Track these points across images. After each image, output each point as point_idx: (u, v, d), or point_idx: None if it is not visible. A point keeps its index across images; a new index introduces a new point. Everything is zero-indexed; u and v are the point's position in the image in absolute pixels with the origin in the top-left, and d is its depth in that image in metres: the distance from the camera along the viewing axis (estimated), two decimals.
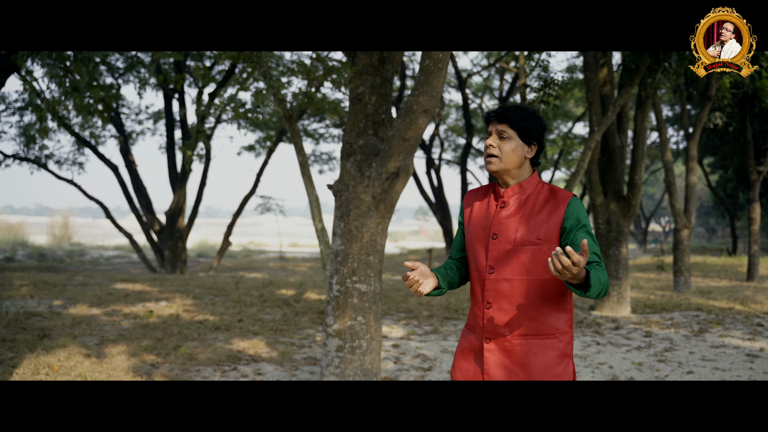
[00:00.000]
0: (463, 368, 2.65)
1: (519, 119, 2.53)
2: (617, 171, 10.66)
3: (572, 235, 2.47)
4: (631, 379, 6.12)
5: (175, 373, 5.88)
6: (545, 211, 2.52)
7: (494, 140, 2.55)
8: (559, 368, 2.50)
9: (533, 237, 2.50)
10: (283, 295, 11.08)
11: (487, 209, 2.64)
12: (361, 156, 5.70)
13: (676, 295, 12.54)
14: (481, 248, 2.60)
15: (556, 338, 2.52)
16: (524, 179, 2.59)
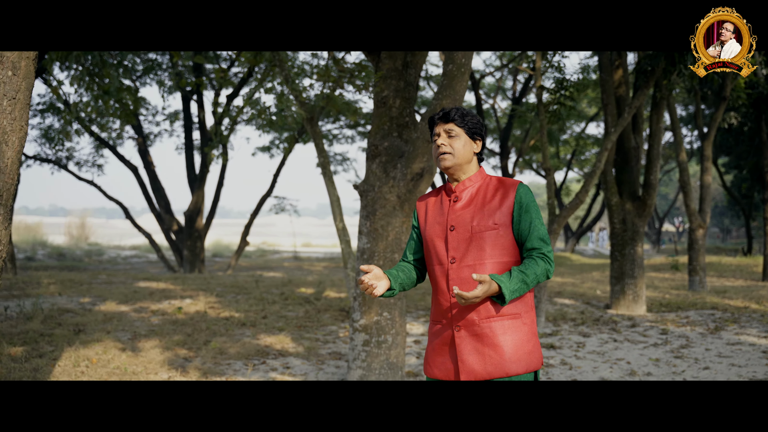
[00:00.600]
0: (438, 362, 2.73)
1: (462, 117, 2.71)
2: (632, 171, 10.81)
3: (521, 221, 2.64)
4: (648, 374, 6.28)
5: (208, 366, 6.10)
6: (497, 198, 2.68)
7: (444, 139, 2.71)
8: (529, 346, 2.62)
9: (489, 222, 2.64)
10: (303, 293, 11.30)
11: (440, 207, 2.78)
12: (386, 157, 5.90)
13: (691, 294, 12.66)
14: (440, 242, 2.73)
15: (521, 318, 2.63)
16: (473, 173, 2.76)
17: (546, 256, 2.63)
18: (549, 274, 2.62)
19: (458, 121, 2.70)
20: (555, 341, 7.76)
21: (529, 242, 2.64)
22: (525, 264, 2.60)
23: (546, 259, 2.63)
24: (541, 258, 2.62)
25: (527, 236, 2.65)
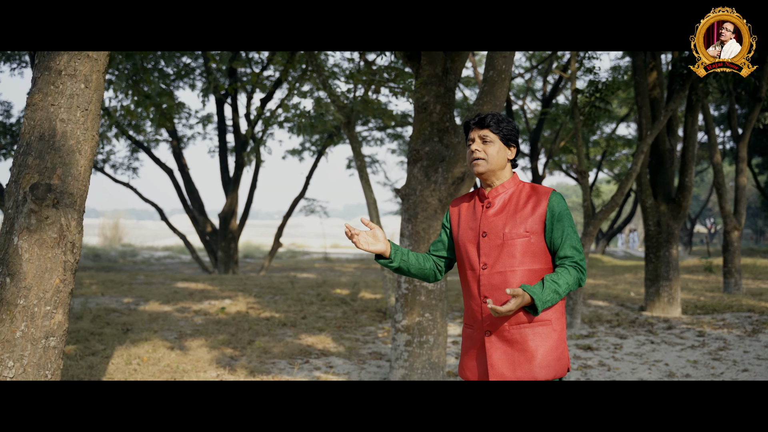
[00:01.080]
0: (470, 366, 2.79)
1: (497, 124, 2.73)
2: (667, 173, 10.81)
3: (553, 229, 2.67)
4: (687, 376, 6.34)
5: (254, 365, 6.28)
6: (529, 205, 2.69)
7: (478, 145, 2.74)
8: (558, 352, 2.66)
9: (521, 230, 2.66)
10: (338, 294, 11.46)
11: (473, 212, 2.81)
12: (427, 162, 6.03)
13: (726, 296, 12.60)
14: (472, 248, 2.75)
15: (551, 324, 2.66)
16: (506, 180, 2.78)
17: (579, 265, 2.66)
18: (581, 283, 2.66)
19: (493, 128, 2.73)
20: (592, 343, 7.82)
21: (562, 251, 2.67)
22: (557, 273, 2.63)
23: (578, 267, 2.66)
24: (573, 267, 2.65)
25: (560, 245, 2.68)
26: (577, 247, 2.67)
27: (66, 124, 3.34)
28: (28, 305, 3.24)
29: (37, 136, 3.31)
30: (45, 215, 3.23)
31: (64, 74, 3.35)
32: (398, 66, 11.04)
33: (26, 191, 3.23)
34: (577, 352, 7.33)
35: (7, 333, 3.22)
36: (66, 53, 3.35)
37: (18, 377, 3.23)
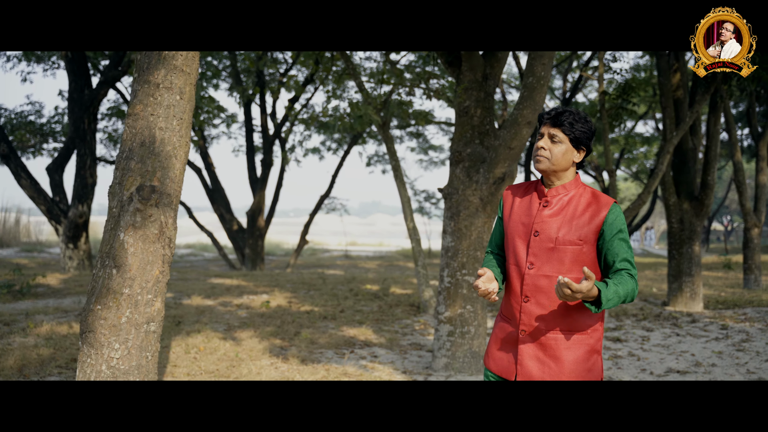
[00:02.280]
0: (497, 358, 2.77)
1: (571, 125, 2.64)
2: (690, 172, 11.11)
3: (609, 241, 2.61)
4: (713, 365, 6.66)
5: (304, 354, 6.67)
6: (587, 213, 2.63)
7: (546, 143, 2.66)
8: (589, 363, 2.64)
9: (574, 237, 2.61)
10: (369, 289, 11.85)
11: (529, 206, 2.74)
12: (469, 163, 6.40)
13: (746, 292, 12.87)
14: (521, 244, 2.70)
15: (587, 334, 2.65)
16: (568, 181, 2.71)
17: (634, 278, 2.60)
18: (635, 295, 2.58)
19: (566, 128, 2.64)
20: (620, 335, 8.16)
21: (619, 263, 2.61)
22: (618, 278, 2.56)
23: (634, 279, 2.59)
24: (630, 277, 2.58)
25: (616, 257, 2.61)
26: (631, 260, 2.62)
27: (164, 132, 3.74)
28: (132, 294, 3.64)
29: (139, 143, 3.71)
30: (149, 213, 3.63)
31: (161, 87, 3.74)
32: (430, 70, 11.38)
33: (132, 192, 3.62)
34: (607, 344, 7.67)
35: (114, 319, 3.61)
36: (163, 68, 3.74)
37: (123, 359, 3.64)
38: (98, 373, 3.62)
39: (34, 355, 6.09)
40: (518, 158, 6.31)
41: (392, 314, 9.22)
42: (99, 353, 3.62)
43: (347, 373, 5.96)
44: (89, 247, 15.43)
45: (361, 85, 9.67)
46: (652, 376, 6.25)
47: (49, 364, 5.88)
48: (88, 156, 15.32)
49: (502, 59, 6.74)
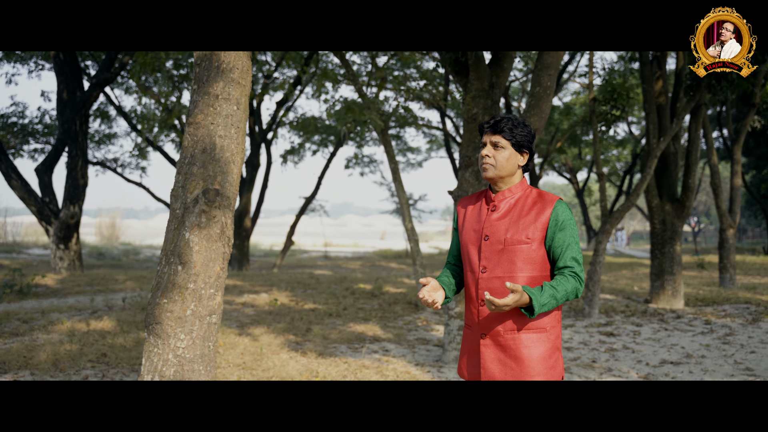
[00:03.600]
0: (467, 365, 2.83)
1: (511, 130, 2.69)
2: (672, 175, 11.62)
3: (555, 238, 2.68)
4: (703, 356, 7.12)
5: (319, 349, 7.00)
6: (533, 212, 2.68)
7: (489, 150, 2.72)
8: (551, 360, 2.68)
9: (522, 237, 2.66)
10: (363, 288, 12.19)
11: (479, 213, 2.80)
12: (477, 167, 6.78)
13: (723, 290, 13.44)
14: (474, 250, 2.75)
15: (546, 332, 2.68)
16: (514, 184, 2.75)
17: (578, 276, 2.65)
18: (578, 293, 2.65)
19: (506, 134, 2.69)
20: (612, 330, 8.62)
21: (562, 260, 2.67)
22: (557, 280, 2.63)
23: (577, 278, 2.65)
24: (572, 276, 2.65)
25: (560, 254, 2.67)
26: (577, 258, 2.68)
27: (223, 140, 4.06)
28: (197, 288, 3.96)
29: (200, 150, 4.02)
30: (212, 215, 3.95)
31: (220, 98, 4.06)
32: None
33: (198, 195, 3.94)
34: (602, 338, 8.11)
35: (180, 311, 3.93)
36: (222, 81, 4.06)
37: (188, 348, 3.95)
38: (165, 361, 3.93)
39: (63, 350, 6.35)
40: None
41: (393, 312, 9.58)
42: (166, 343, 3.93)
43: (366, 366, 6.30)
44: (80, 248, 15.55)
45: (360, 90, 10.01)
46: (648, 367, 6.68)
47: (80, 359, 6.14)
48: (80, 157, 15.45)
49: (507, 69, 7.14)
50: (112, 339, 6.88)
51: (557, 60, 6.55)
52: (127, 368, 6.00)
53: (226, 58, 4.09)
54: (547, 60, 6.54)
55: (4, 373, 5.67)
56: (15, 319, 7.72)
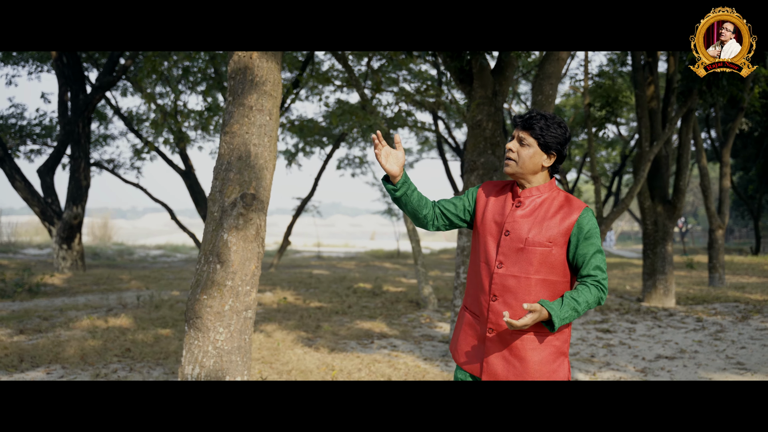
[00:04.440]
0: (465, 351, 2.78)
1: (541, 129, 2.64)
2: (663, 177, 12.01)
3: (579, 245, 2.63)
4: (696, 352, 7.48)
5: (331, 345, 7.32)
6: (558, 216, 2.63)
7: (514, 145, 2.68)
8: (555, 365, 2.65)
9: (544, 239, 2.61)
10: (363, 287, 12.51)
11: (503, 205, 2.74)
12: (482, 171, 7.12)
13: (712, 289, 13.85)
14: (492, 242, 2.69)
15: (554, 336, 2.65)
16: (541, 184, 2.71)
17: (601, 285, 2.62)
18: (601, 302, 2.63)
19: (535, 132, 2.65)
20: (608, 327, 8.98)
21: (586, 269, 2.63)
22: (578, 291, 2.59)
23: (600, 287, 2.62)
24: (595, 286, 2.61)
25: (584, 262, 2.63)
26: (601, 267, 2.63)
27: (257, 148, 4.37)
28: (234, 286, 4.27)
29: (237, 157, 4.34)
30: (249, 217, 4.26)
31: (254, 109, 4.37)
32: (429, 82, 12.04)
33: (236, 199, 4.25)
34: (598, 334, 8.47)
35: (218, 307, 4.24)
36: (255, 93, 4.37)
37: (226, 341, 4.26)
38: (205, 353, 4.24)
39: (88, 346, 6.63)
40: None
41: (396, 310, 9.91)
42: (206, 336, 4.24)
43: (377, 360, 6.62)
44: (82, 248, 15.79)
45: (363, 95, 10.34)
46: (645, 362, 7.03)
47: (106, 354, 6.43)
48: (83, 159, 15.69)
49: (509, 77, 7.48)
50: (133, 335, 7.17)
51: (558, 69, 6.89)
52: (152, 362, 6.29)
53: (259, 71, 4.40)
54: (548, 69, 6.89)
55: (36, 367, 5.95)
56: (35, 317, 7.99)
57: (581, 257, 2.62)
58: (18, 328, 7.40)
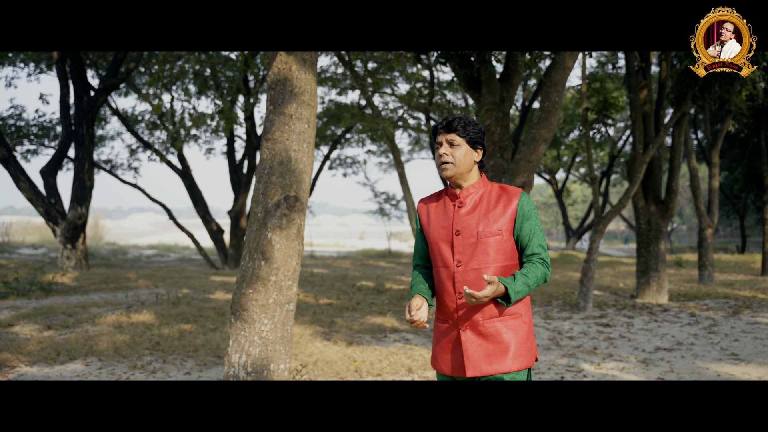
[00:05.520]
0: (445, 359, 2.87)
1: (464, 128, 2.81)
2: (656, 178, 12.44)
3: (522, 227, 2.81)
4: (692, 344, 7.90)
5: (348, 339, 7.67)
6: (500, 205, 2.80)
7: (446, 149, 2.81)
8: (528, 343, 2.81)
9: (494, 228, 2.76)
10: (366, 285, 12.87)
11: (444, 211, 2.88)
12: (492, 173, 7.50)
13: (703, 286, 14.32)
14: (446, 246, 2.82)
15: (521, 317, 2.81)
16: (475, 181, 2.87)
17: (545, 261, 2.80)
18: (546, 278, 2.81)
19: (460, 131, 2.80)
20: (607, 321, 9.40)
21: (530, 248, 2.81)
22: (527, 268, 2.77)
23: (545, 264, 2.80)
24: (540, 263, 2.79)
25: (528, 242, 2.81)
26: (542, 244, 2.81)
27: (297, 153, 4.73)
28: (278, 281, 4.62)
29: (278, 162, 4.69)
30: (292, 218, 4.62)
31: (294, 117, 4.73)
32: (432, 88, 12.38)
33: (279, 200, 4.60)
34: (599, 329, 8.88)
35: (263, 300, 4.59)
36: (294, 103, 4.72)
37: (270, 331, 4.62)
38: (251, 342, 4.59)
39: (118, 340, 6.96)
40: (536, 169, 7.45)
41: (402, 306, 10.28)
42: (252, 327, 4.59)
43: (394, 352, 6.98)
44: (86, 248, 16.04)
45: (368, 98, 10.69)
46: (645, 353, 7.44)
47: (137, 347, 6.76)
48: (86, 160, 15.94)
49: (516, 84, 7.88)
50: (158, 330, 7.50)
51: (564, 77, 7.29)
52: (183, 354, 6.63)
53: (298, 83, 4.75)
54: (555, 77, 7.28)
55: (74, 360, 6.28)
56: (59, 314, 8.29)
57: (525, 237, 2.80)
58: (45, 324, 7.70)
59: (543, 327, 8.99)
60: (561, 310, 10.69)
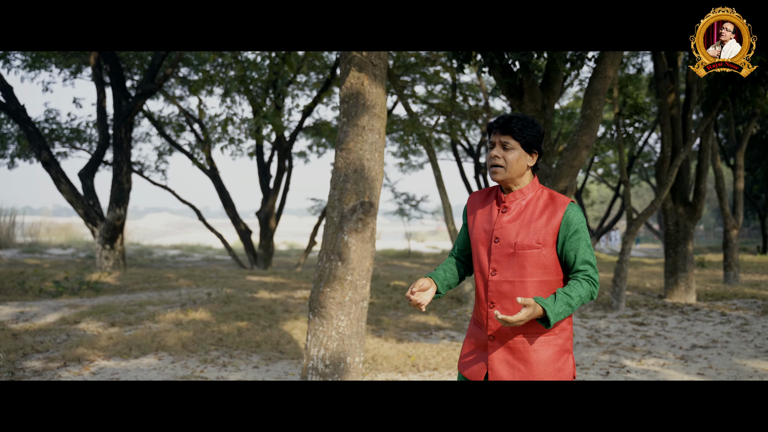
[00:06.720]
0: (468, 362, 2.80)
1: (521, 130, 2.65)
2: (684, 180, 12.73)
3: (567, 242, 2.64)
4: (727, 342, 8.21)
5: (397, 336, 8.04)
6: (544, 216, 2.64)
7: (499, 151, 2.67)
8: (559, 363, 2.65)
9: (533, 241, 2.61)
10: (399, 285, 13.23)
11: (489, 213, 2.76)
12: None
13: (729, 286, 14.57)
14: (484, 251, 2.71)
15: (555, 335, 2.66)
16: (525, 185, 2.72)
17: (592, 278, 2.63)
18: (593, 296, 2.63)
19: (516, 134, 2.66)
20: (642, 320, 9.71)
21: (575, 264, 2.64)
22: (570, 286, 2.60)
23: (591, 281, 2.62)
24: (586, 280, 2.62)
25: (574, 258, 2.64)
26: (590, 261, 2.64)
27: (369, 162, 5.09)
28: (353, 280, 4.99)
29: (352, 170, 5.06)
30: (367, 222, 4.99)
31: (366, 129, 5.09)
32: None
33: (355, 205, 4.97)
34: (634, 327, 9.21)
35: (340, 298, 4.97)
36: (367, 115, 5.09)
37: (347, 327, 4.99)
38: (329, 337, 4.96)
39: (183, 336, 7.35)
40: (577, 174, 7.78)
41: (440, 305, 10.64)
42: (329, 323, 4.97)
43: (443, 349, 7.33)
44: (124, 248, 16.49)
45: (407, 105, 11.05)
46: (682, 350, 7.76)
47: (202, 342, 7.16)
48: (125, 163, 16.40)
49: (556, 92, 8.21)
50: (217, 327, 7.89)
51: (605, 86, 7.62)
52: (247, 350, 7.02)
53: (370, 96, 5.12)
54: (596, 86, 7.61)
55: (146, 355, 6.68)
56: (119, 312, 8.71)
57: (570, 252, 2.64)
58: (108, 321, 8.11)
59: (580, 326, 9.32)
60: (594, 309, 11.00)
